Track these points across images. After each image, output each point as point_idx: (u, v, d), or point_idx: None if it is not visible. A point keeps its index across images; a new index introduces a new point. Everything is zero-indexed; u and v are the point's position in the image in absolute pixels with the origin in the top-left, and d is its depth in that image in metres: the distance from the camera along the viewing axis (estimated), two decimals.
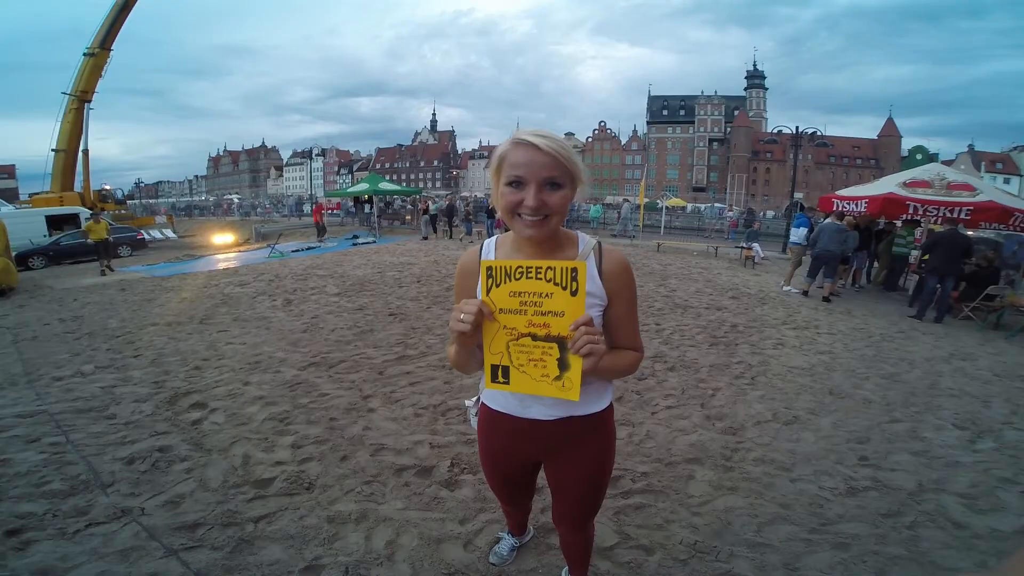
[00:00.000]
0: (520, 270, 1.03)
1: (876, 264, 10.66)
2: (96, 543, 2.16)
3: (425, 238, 18.02)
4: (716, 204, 49.48)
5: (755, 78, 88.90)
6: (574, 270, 0.99)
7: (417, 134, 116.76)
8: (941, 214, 7.81)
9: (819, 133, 19.93)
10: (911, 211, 8.03)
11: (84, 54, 24.82)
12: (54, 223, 18.24)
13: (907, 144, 79.21)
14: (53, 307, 7.54)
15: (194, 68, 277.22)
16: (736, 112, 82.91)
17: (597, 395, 1.30)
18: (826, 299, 8.31)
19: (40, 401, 3.71)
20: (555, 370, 1.03)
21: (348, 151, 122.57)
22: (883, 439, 3.42)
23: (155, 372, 4.35)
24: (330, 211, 30.20)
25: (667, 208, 29.82)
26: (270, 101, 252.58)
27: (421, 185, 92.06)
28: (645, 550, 2.22)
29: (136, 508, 2.42)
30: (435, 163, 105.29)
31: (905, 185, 8.35)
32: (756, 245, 13.56)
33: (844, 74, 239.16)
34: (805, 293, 8.63)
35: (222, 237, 20.75)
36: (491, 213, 17.48)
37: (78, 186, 24.96)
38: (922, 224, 9.11)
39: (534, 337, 1.03)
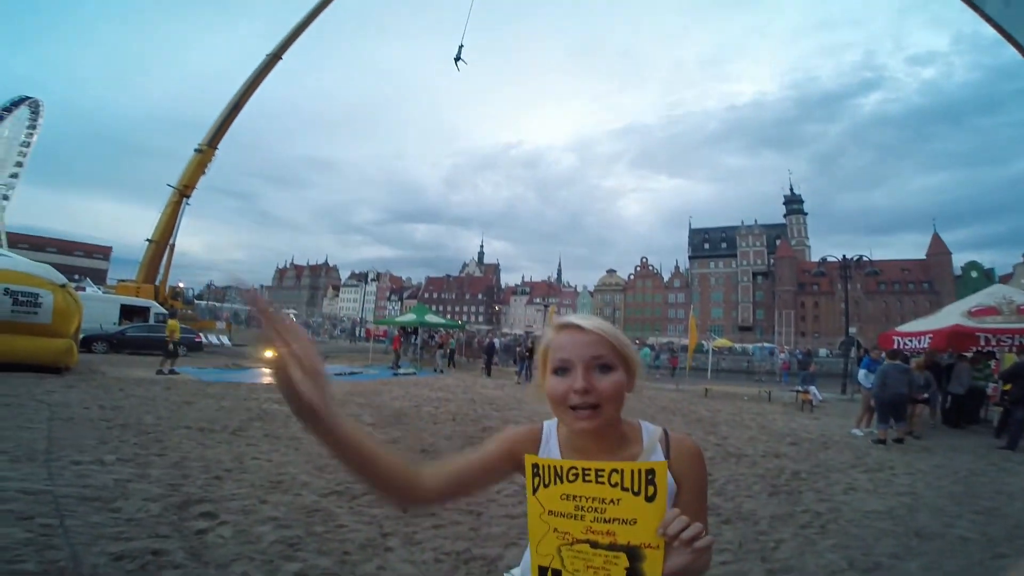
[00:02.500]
0: (574, 472, 0.83)
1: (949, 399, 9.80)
2: None
3: (440, 371, 18.22)
4: (765, 344, 48.20)
5: (793, 203, 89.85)
6: (650, 471, 0.80)
7: (465, 265, 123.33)
8: (1016, 342, 7.21)
9: (866, 259, 19.44)
10: (982, 343, 7.47)
11: (195, 150, 27.69)
12: (126, 312, 19.26)
13: (958, 260, 75.72)
14: (98, 393, 7.76)
15: (281, 176, 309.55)
16: (778, 241, 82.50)
17: None
18: (898, 440, 7.56)
19: (50, 481, 3.64)
20: None
21: (400, 277, 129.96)
22: None
23: (174, 474, 4.23)
24: (377, 337, 30.89)
25: (713, 350, 28.97)
26: (338, 219, 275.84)
27: (464, 319, 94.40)
28: None
29: None
30: (479, 296, 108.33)
31: (971, 314, 7.89)
32: (813, 388, 13.01)
33: (881, 190, 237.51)
34: (882, 442, 7.75)
35: (271, 351, 21.17)
36: (530, 353, 17.45)
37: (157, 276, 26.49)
38: (996, 355, 8.42)
39: (594, 544, 0.82)
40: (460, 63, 28.72)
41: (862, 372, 9.61)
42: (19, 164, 55.33)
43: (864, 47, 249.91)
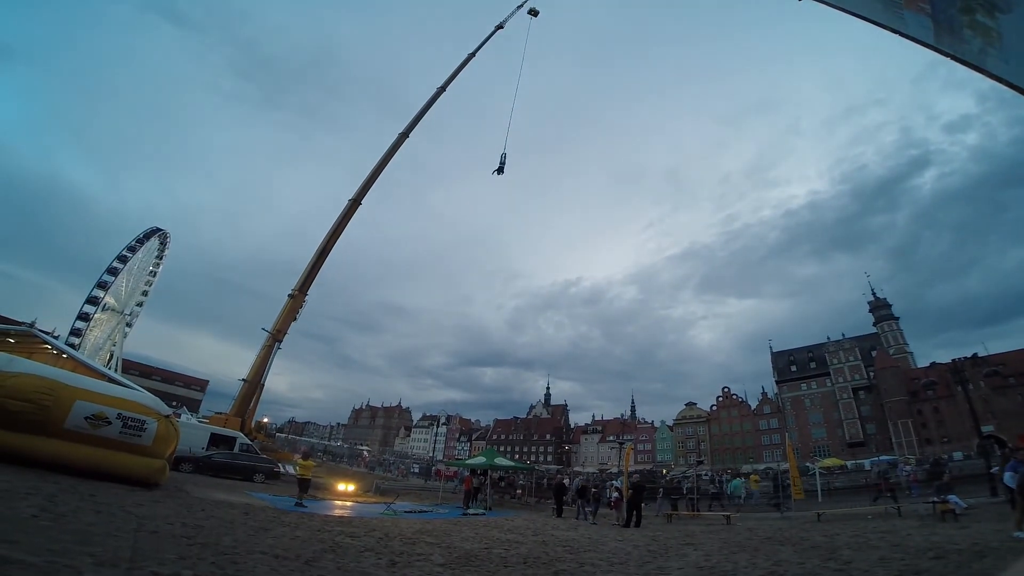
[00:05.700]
0: None
1: None
2: None
3: (488, 509, 18.32)
4: (882, 457, 43.40)
5: (881, 309, 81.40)
6: None
7: (532, 407, 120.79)
8: None
9: (981, 356, 17.67)
10: None
11: (288, 295, 29.99)
12: (214, 439, 21.54)
13: None
14: (182, 511, 7.92)
15: (360, 321, 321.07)
16: (873, 353, 74.37)
17: None
18: None
19: None
20: None
21: (469, 420, 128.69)
22: None
23: None
24: (448, 478, 30.50)
25: (821, 471, 26.00)
26: (411, 363, 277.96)
27: (533, 459, 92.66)
28: None
29: None
30: (547, 436, 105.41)
31: None
32: (953, 497, 12.25)
33: (975, 275, 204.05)
34: None
35: (344, 485, 21.20)
36: (595, 496, 17.31)
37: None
38: None
39: None
40: (500, 174, 29.37)
41: (1008, 475, 9.58)
42: (144, 294, 58.68)
43: (898, 124, 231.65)
